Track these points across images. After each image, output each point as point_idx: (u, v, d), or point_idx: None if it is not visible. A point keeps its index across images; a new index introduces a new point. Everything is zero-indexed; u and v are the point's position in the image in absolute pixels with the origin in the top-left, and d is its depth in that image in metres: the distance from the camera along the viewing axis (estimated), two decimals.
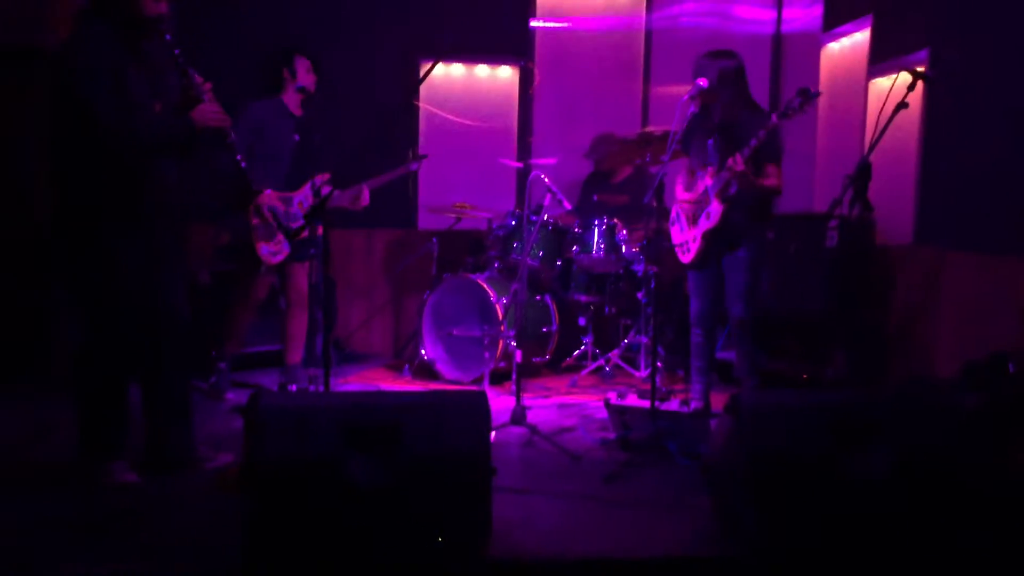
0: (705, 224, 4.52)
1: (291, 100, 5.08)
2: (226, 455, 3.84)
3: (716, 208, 4.46)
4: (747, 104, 4.44)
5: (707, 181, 4.49)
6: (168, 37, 3.43)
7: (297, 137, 5.04)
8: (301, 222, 4.81)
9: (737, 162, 4.25)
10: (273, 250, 4.91)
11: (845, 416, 3.04)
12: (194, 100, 3.49)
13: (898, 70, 4.49)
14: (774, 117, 4.18)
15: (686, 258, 4.67)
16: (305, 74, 5.07)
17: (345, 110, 6.16)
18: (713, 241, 4.53)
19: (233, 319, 5.10)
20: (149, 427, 3.72)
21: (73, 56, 3.35)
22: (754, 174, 4.33)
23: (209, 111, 3.50)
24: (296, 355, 5.21)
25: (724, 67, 4.39)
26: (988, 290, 4.44)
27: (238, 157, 3.70)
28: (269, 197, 4.88)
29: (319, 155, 5.13)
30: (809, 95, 4.12)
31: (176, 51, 3.45)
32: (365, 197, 5.17)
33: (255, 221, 4.85)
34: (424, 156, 5.73)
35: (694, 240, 4.59)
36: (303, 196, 5.04)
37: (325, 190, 4.99)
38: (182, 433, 3.76)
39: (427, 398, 3.34)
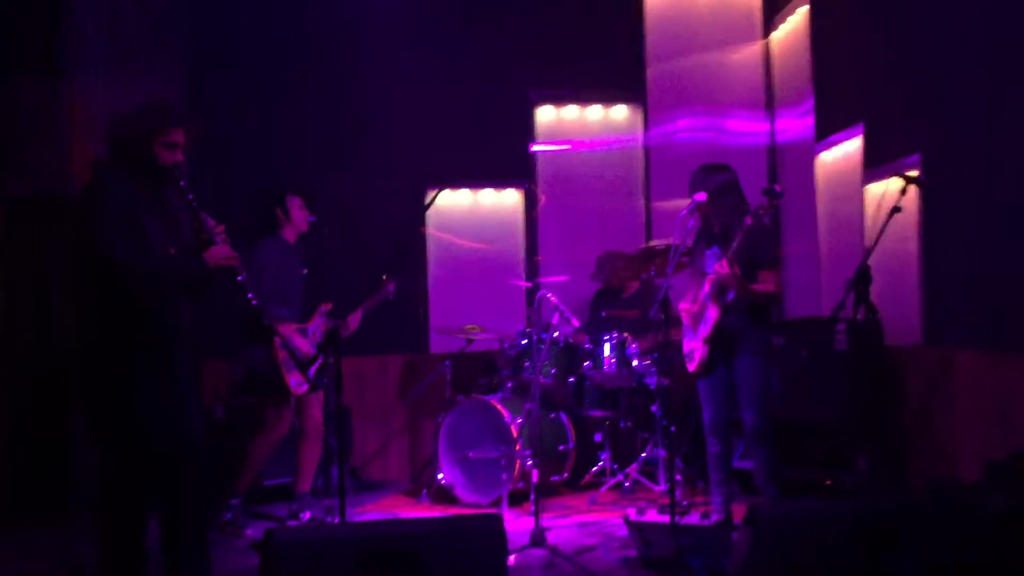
0: (704, 331, 4.59)
1: (290, 235, 5.22)
2: None
3: (712, 314, 4.54)
4: (744, 213, 4.53)
5: (706, 289, 4.57)
6: (183, 183, 3.58)
7: (304, 271, 5.17)
8: (314, 352, 4.92)
9: (723, 266, 4.35)
10: (299, 380, 4.99)
11: (868, 524, 3.00)
12: (207, 242, 3.61)
13: (892, 175, 4.61)
14: (748, 219, 4.32)
15: (691, 366, 4.71)
16: (298, 211, 5.19)
17: (354, 239, 6.29)
18: (714, 347, 4.57)
19: (252, 452, 5.11)
20: (168, 563, 3.69)
21: (91, 202, 3.53)
22: (747, 280, 4.41)
23: (221, 252, 3.61)
24: (307, 484, 5.24)
25: (719, 180, 4.56)
26: (1005, 388, 4.42)
27: (249, 296, 3.79)
28: (288, 329, 4.98)
29: (320, 284, 5.23)
30: (774, 193, 4.32)
31: (190, 196, 3.59)
32: (354, 323, 5.22)
33: (282, 355, 4.91)
34: (394, 279, 5.44)
35: (698, 348, 4.64)
36: (315, 326, 5.20)
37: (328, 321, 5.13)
38: (200, 569, 3.72)
39: (442, 524, 3.31)
